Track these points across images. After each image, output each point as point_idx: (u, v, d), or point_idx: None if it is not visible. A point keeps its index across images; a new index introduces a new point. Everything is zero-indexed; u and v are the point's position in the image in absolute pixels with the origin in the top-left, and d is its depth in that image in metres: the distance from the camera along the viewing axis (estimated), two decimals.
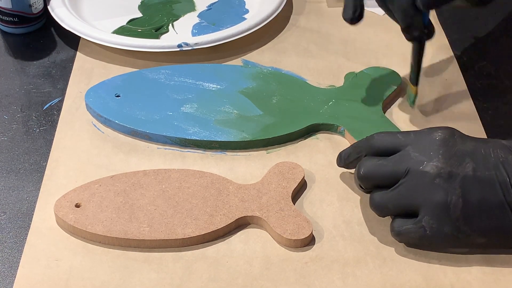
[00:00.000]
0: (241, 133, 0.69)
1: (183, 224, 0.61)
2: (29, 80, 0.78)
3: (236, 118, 0.71)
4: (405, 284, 0.59)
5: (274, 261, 0.60)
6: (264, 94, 0.74)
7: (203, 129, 0.70)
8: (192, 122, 0.70)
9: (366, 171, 0.61)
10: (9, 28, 0.84)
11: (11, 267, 0.59)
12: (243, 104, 0.73)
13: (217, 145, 0.69)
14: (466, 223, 0.58)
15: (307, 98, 0.74)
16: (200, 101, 0.73)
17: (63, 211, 0.62)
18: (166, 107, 0.72)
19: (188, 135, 0.69)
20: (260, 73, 0.77)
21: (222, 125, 0.70)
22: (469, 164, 0.58)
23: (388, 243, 0.62)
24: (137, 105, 0.72)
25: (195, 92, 0.74)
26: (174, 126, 0.70)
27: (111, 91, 0.74)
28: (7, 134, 0.71)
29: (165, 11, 0.88)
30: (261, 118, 0.71)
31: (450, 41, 0.86)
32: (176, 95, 0.74)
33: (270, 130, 0.70)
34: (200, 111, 0.72)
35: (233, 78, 0.76)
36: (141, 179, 0.65)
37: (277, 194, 0.64)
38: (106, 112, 0.71)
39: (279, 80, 0.76)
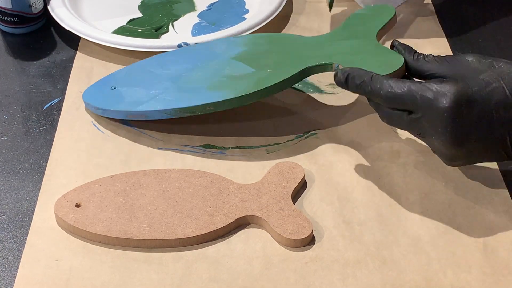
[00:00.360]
0: (234, 91, 0.68)
1: (183, 224, 0.61)
2: (29, 80, 0.78)
3: (228, 80, 0.70)
4: (405, 284, 0.59)
5: (274, 261, 0.60)
6: (256, 55, 0.73)
7: (196, 96, 0.69)
8: (185, 93, 0.70)
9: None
10: (9, 28, 0.84)
11: (11, 267, 0.59)
12: (236, 67, 0.72)
13: (212, 107, 0.68)
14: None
15: (299, 48, 0.73)
16: (192, 73, 0.73)
17: (63, 211, 0.62)
18: (159, 85, 0.72)
19: (182, 104, 0.69)
20: (250, 39, 0.76)
21: (215, 89, 0.69)
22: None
23: (388, 243, 0.62)
24: (131, 91, 0.72)
25: (187, 66, 0.74)
26: (167, 100, 0.70)
27: (106, 85, 0.74)
28: (7, 134, 0.71)
29: (165, 11, 0.88)
30: (253, 75, 0.70)
31: (450, 41, 0.86)
32: (169, 72, 0.73)
33: (263, 82, 0.69)
34: (193, 82, 0.71)
35: (224, 49, 0.76)
36: (141, 179, 0.65)
37: (277, 194, 0.64)
38: (103, 103, 0.72)
39: (270, 40, 0.76)
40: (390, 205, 0.65)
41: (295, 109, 0.75)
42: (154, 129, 0.72)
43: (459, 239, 0.63)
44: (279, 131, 0.72)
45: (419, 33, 0.87)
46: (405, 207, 0.65)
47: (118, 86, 0.73)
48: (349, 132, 0.73)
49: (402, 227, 0.63)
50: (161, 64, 0.75)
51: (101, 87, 0.74)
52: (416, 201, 0.66)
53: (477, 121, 0.59)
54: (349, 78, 0.64)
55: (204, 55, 0.75)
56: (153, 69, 0.75)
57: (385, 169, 0.69)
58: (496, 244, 0.62)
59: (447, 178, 0.68)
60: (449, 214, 0.65)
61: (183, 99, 0.69)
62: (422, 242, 0.62)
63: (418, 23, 0.88)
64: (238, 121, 0.73)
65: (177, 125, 0.72)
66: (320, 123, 0.73)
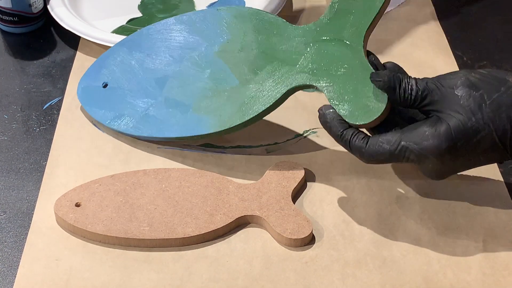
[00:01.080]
0: (219, 120, 0.67)
1: (183, 223, 0.61)
2: (29, 79, 0.78)
3: (213, 96, 0.69)
4: (405, 284, 0.59)
5: (274, 260, 0.60)
6: (238, 52, 0.70)
7: (183, 123, 0.68)
8: (170, 118, 0.69)
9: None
10: (9, 27, 0.84)
11: (11, 267, 0.59)
12: (219, 74, 0.70)
13: (200, 138, 0.68)
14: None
15: (283, 46, 0.69)
16: (181, 76, 0.71)
17: (63, 210, 0.62)
18: (150, 91, 0.71)
19: (170, 134, 0.69)
20: (234, 20, 0.72)
21: (200, 111, 0.69)
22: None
23: (388, 243, 0.62)
24: (120, 101, 0.72)
25: (177, 62, 0.72)
26: (156, 123, 0.69)
27: (98, 83, 0.74)
28: (7, 134, 0.71)
29: (165, 11, 0.88)
30: (236, 93, 0.68)
31: (450, 41, 0.86)
32: (156, 73, 0.72)
33: (247, 110, 0.67)
34: (180, 94, 0.70)
35: (208, 31, 0.72)
36: (141, 178, 0.65)
37: (277, 194, 0.64)
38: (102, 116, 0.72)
39: (254, 27, 0.71)
40: (390, 205, 0.65)
41: (295, 108, 0.75)
42: None
43: (459, 239, 0.63)
44: (279, 131, 0.72)
45: (419, 33, 0.87)
46: (405, 207, 0.65)
47: (109, 83, 0.73)
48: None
49: (402, 227, 0.63)
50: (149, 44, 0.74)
51: (93, 80, 0.74)
52: (416, 201, 0.66)
53: (462, 164, 0.60)
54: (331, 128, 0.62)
55: (189, 41, 0.73)
56: (142, 52, 0.73)
57: (385, 169, 0.69)
58: (496, 245, 0.62)
59: (447, 179, 0.68)
60: (449, 214, 0.65)
61: (170, 127, 0.69)
62: (422, 242, 0.62)
63: (418, 23, 0.88)
64: None
65: None
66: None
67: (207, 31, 0.73)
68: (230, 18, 0.72)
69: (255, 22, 0.71)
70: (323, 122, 0.63)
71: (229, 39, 0.71)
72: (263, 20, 0.71)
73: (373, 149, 0.60)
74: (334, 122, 0.62)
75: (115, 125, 0.71)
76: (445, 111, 0.58)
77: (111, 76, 0.73)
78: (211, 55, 0.71)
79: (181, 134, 0.68)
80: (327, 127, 0.63)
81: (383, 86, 0.60)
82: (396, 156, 0.59)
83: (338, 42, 0.66)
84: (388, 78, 0.60)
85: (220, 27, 0.72)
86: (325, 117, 0.62)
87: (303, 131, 0.73)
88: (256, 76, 0.68)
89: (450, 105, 0.58)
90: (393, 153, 0.59)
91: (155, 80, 0.72)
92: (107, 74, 0.74)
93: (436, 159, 0.58)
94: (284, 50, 0.68)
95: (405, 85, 0.60)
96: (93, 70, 0.75)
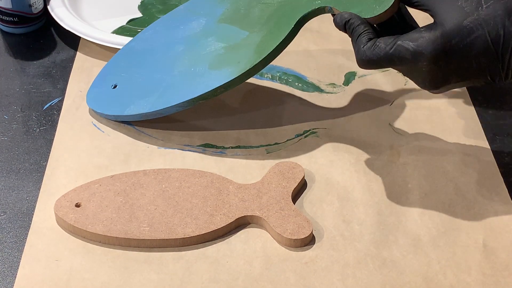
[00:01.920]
0: (237, 65, 0.67)
1: (183, 223, 0.61)
2: (29, 80, 0.78)
3: (227, 52, 0.69)
4: (405, 285, 0.59)
5: (274, 261, 0.60)
6: (241, 12, 0.71)
7: (202, 81, 0.68)
8: (189, 80, 0.69)
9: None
10: (9, 28, 0.84)
11: (11, 267, 0.59)
12: (227, 34, 0.71)
13: (223, 88, 0.67)
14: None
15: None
16: (187, 51, 0.72)
17: (63, 210, 0.62)
18: (160, 75, 0.71)
19: (192, 94, 0.68)
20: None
21: (217, 67, 0.69)
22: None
23: (388, 243, 0.62)
24: (135, 89, 0.72)
25: (179, 43, 0.73)
26: (177, 93, 0.69)
27: (106, 84, 0.74)
28: (7, 134, 0.71)
29: (165, 11, 0.88)
30: (249, 40, 0.69)
31: None
32: (164, 57, 0.73)
33: (263, 48, 0.67)
34: (191, 64, 0.70)
35: (206, 9, 0.74)
36: (141, 178, 0.65)
37: (277, 194, 0.64)
38: (113, 109, 0.71)
39: None
40: (390, 205, 0.65)
41: (295, 108, 0.75)
42: (154, 129, 0.72)
43: (459, 240, 0.63)
44: (279, 131, 0.72)
45: None
46: (405, 207, 0.65)
47: (118, 83, 0.73)
48: (349, 131, 0.73)
49: (402, 227, 0.63)
50: (148, 43, 0.74)
51: (101, 87, 0.74)
52: (416, 201, 0.66)
53: (455, 69, 0.59)
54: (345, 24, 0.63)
55: (188, 23, 0.74)
56: (144, 52, 0.74)
57: (385, 169, 0.69)
58: (496, 245, 0.62)
59: (447, 178, 0.68)
60: (449, 214, 0.65)
61: (191, 88, 0.69)
62: (422, 242, 0.62)
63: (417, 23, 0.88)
64: (238, 121, 0.73)
65: (177, 125, 0.72)
66: (320, 122, 0.73)
67: (205, 9, 0.73)
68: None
69: None
70: (339, 21, 0.63)
71: (228, 7, 0.72)
72: None
73: (369, 49, 0.60)
74: (350, 20, 0.62)
75: (137, 109, 0.70)
76: (441, 9, 0.59)
77: (119, 78, 0.74)
78: (215, 24, 0.72)
79: (204, 90, 0.67)
80: (341, 24, 0.63)
81: None
82: (391, 56, 0.59)
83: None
84: None
85: (217, 1, 0.73)
86: (341, 16, 0.63)
87: (303, 131, 0.73)
88: (265, 22, 0.69)
89: (448, 4, 0.59)
90: (388, 52, 0.59)
91: (164, 63, 0.72)
92: (113, 77, 0.74)
93: (430, 58, 0.58)
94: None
95: None
96: (99, 79, 0.75)
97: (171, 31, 0.75)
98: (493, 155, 0.71)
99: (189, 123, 0.72)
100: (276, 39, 0.67)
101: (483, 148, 0.71)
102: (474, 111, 0.76)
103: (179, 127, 0.72)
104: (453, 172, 0.68)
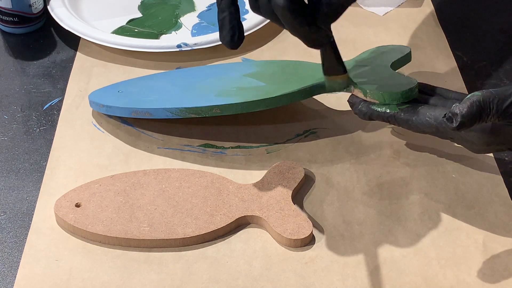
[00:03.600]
0: (240, 98, 0.68)
1: (183, 223, 0.61)
2: (29, 80, 0.78)
3: (237, 90, 0.70)
4: (405, 285, 0.59)
5: (274, 261, 0.60)
6: (268, 75, 0.73)
7: (203, 99, 0.69)
8: (191, 96, 0.70)
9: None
10: (9, 28, 0.84)
11: (11, 267, 0.59)
12: (246, 82, 0.72)
13: (218, 109, 0.67)
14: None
15: (311, 71, 0.71)
16: (200, 84, 0.73)
17: (63, 210, 0.62)
18: (166, 91, 0.72)
19: (188, 104, 0.68)
20: (264, 63, 0.77)
21: (223, 96, 0.69)
22: None
23: (388, 243, 0.62)
24: (137, 92, 0.73)
25: (196, 81, 0.74)
26: (173, 100, 0.70)
27: (114, 88, 0.74)
28: (7, 134, 0.71)
29: (165, 11, 0.88)
30: (262, 88, 0.70)
31: (450, 41, 0.86)
32: (177, 84, 0.74)
33: (273, 91, 0.68)
34: (201, 90, 0.71)
35: (235, 68, 0.76)
36: (141, 178, 0.65)
37: (277, 194, 0.64)
38: (107, 101, 0.72)
39: (283, 64, 0.76)
40: (390, 205, 0.65)
41: (295, 108, 0.75)
42: (154, 129, 0.72)
43: (459, 240, 0.63)
44: (279, 131, 0.72)
45: (419, 33, 0.87)
46: (405, 207, 0.65)
47: (124, 90, 0.74)
48: (349, 131, 0.73)
49: (402, 227, 0.63)
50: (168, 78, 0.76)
51: (108, 89, 0.75)
52: (416, 201, 0.66)
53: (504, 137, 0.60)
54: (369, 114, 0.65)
55: (217, 73, 0.76)
56: (161, 83, 0.75)
57: (385, 169, 0.69)
58: (496, 245, 0.62)
59: (447, 178, 0.68)
60: (449, 214, 0.65)
61: (189, 100, 0.69)
62: (422, 242, 0.62)
63: (418, 23, 0.88)
64: (238, 121, 0.73)
65: (177, 125, 0.72)
66: (320, 122, 0.73)
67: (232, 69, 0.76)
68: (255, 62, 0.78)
69: (282, 63, 0.77)
70: (360, 111, 0.65)
71: (258, 71, 0.75)
72: (291, 62, 0.77)
73: (420, 122, 0.61)
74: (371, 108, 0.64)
75: (130, 103, 0.70)
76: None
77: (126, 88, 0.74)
78: (239, 76, 0.74)
79: (200, 104, 0.67)
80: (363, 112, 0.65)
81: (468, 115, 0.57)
82: (441, 132, 0.61)
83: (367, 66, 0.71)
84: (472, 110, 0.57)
85: (248, 66, 0.76)
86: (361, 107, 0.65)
87: (303, 131, 0.73)
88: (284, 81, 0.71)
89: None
90: (439, 129, 0.61)
91: (176, 85, 0.74)
92: (119, 87, 0.75)
93: (481, 135, 0.60)
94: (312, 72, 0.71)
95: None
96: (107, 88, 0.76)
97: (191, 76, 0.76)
98: (493, 155, 0.71)
99: (189, 123, 0.72)
100: (287, 88, 0.68)
101: None
102: None
103: (179, 127, 0.72)
104: (453, 172, 0.68)
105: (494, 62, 0.83)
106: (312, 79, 0.69)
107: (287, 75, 0.73)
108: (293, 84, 0.69)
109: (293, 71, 0.73)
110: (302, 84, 0.68)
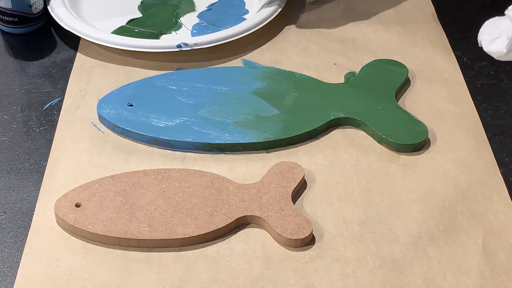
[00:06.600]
0: (263, 134, 0.69)
1: (183, 223, 0.61)
2: (29, 80, 0.78)
3: (255, 119, 0.71)
4: (404, 285, 0.59)
5: (274, 261, 0.60)
6: (275, 93, 0.74)
7: (224, 133, 0.70)
8: (212, 126, 0.70)
9: None
10: (9, 28, 0.84)
11: (11, 267, 0.59)
12: (258, 105, 0.73)
13: (241, 147, 0.69)
14: None
15: (319, 94, 0.74)
16: (214, 104, 0.73)
17: (63, 210, 0.62)
18: (182, 112, 0.72)
19: (211, 140, 0.69)
20: (267, 73, 0.77)
21: (242, 127, 0.70)
22: None
23: (388, 243, 0.62)
24: (152, 113, 0.72)
25: (207, 96, 0.74)
26: (195, 131, 0.70)
27: (123, 101, 0.73)
28: (7, 134, 0.71)
29: (165, 11, 0.88)
30: (279, 117, 0.71)
31: (450, 41, 0.86)
32: (189, 100, 0.73)
33: (292, 129, 0.70)
34: (217, 115, 0.72)
35: (242, 80, 0.76)
36: (141, 178, 0.65)
37: (277, 194, 0.64)
38: (123, 122, 0.71)
39: (287, 78, 0.76)
40: (390, 205, 0.65)
41: None
42: None
43: (459, 240, 0.63)
44: None
45: (419, 33, 0.87)
46: (405, 207, 0.65)
47: (135, 103, 0.73)
48: (349, 131, 0.73)
49: (402, 227, 0.63)
50: (178, 85, 0.75)
51: (116, 100, 0.73)
52: (416, 200, 0.66)
53: None
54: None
55: (219, 83, 0.75)
56: (172, 92, 0.74)
57: (385, 170, 0.69)
58: (495, 247, 0.62)
59: (447, 178, 0.68)
60: (449, 214, 0.65)
61: (212, 133, 0.70)
62: (422, 242, 0.62)
63: (418, 23, 0.88)
64: None
65: None
66: None
67: (240, 79, 0.76)
68: (261, 71, 0.77)
69: (285, 75, 0.77)
70: None
71: (264, 86, 0.75)
72: (292, 74, 0.77)
73: None
74: None
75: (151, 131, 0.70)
76: None
77: (134, 99, 0.73)
78: (247, 93, 0.74)
79: (225, 141, 0.69)
80: None
81: None
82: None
83: (372, 94, 0.75)
84: None
85: (253, 77, 0.76)
86: None
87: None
88: (297, 110, 0.72)
89: None
90: None
91: (186, 102, 0.73)
92: (130, 98, 0.73)
93: None
94: (320, 95, 0.74)
95: None
96: (115, 93, 0.74)
97: (199, 81, 0.76)
98: (493, 155, 0.71)
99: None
100: (307, 126, 0.71)
101: (483, 148, 0.71)
102: (475, 111, 0.76)
103: None
104: (453, 172, 0.68)
105: (494, 62, 0.83)
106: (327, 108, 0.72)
107: (298, 97, 0.74)
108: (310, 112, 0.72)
109: (303, 91, 0.75)
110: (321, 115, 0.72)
